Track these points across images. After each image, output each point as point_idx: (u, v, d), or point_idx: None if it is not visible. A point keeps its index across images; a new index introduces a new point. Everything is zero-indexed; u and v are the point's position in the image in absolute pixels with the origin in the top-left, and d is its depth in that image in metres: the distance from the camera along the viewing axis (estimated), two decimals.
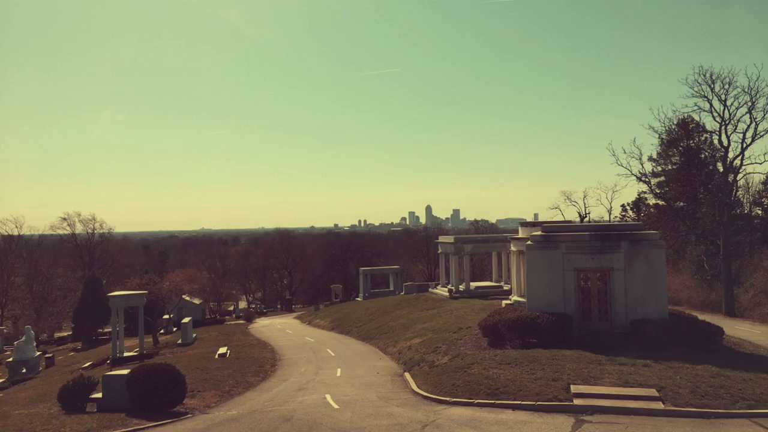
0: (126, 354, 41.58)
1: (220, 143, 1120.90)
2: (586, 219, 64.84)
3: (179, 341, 48.44)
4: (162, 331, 61.14)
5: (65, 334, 74.38)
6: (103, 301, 60.20)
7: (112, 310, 41.80)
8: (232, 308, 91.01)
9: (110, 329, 51.90)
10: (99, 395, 23.77)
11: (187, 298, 71.65)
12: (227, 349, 40.29)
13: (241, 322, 70.70)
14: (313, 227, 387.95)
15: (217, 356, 37.90)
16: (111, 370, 30.03)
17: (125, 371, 23.97)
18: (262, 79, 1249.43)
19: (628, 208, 69.21)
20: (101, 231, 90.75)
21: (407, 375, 26.70)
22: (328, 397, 22.92)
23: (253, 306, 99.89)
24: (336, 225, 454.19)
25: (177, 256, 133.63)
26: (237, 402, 24.22)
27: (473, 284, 54.42)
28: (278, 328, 57.71)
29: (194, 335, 50.99)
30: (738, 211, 55.09)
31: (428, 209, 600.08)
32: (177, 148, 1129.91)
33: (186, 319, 51.99)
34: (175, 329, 62.18)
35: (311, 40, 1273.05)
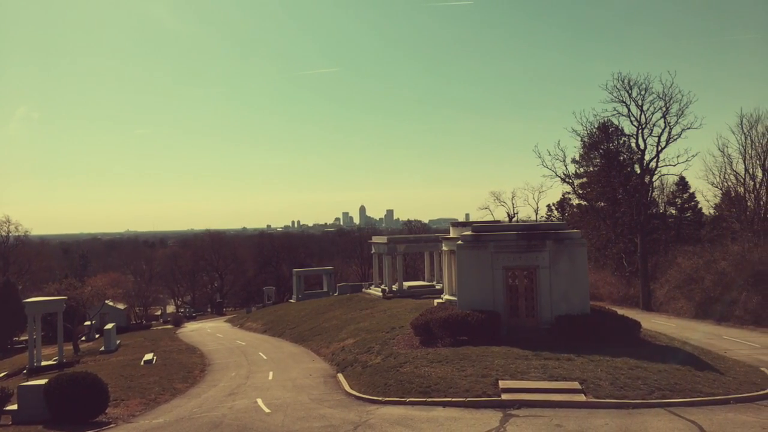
0: (44, 363, 39.56)
1: (145, 142, 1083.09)
2: (515, 219, 66.76)
3: (102, 348, 46.61)
4: (83, 338, 58.55)
5: None
6: (18, 307, 56.84)
7: (29, 317, 39.64)
8: (159, 313, 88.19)
9: (26, 337, 49.23)
10: (14, 407, 22.51)
11: (111, 304, 68.79)
12: (153, 355, 38.99)
13: (169, 326, 68.63)
14: (245, 228, 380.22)
15: (142, 363, 36.63)
16: (27, 380, 28.49)
17: (43, 381, 22.82)
18: (191, 76, 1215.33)
19: (553, 208, 71.84)
20: (16, 233, 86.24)
21: (340, 376, 26.66)
22: (260, 401, 22.56)
23: (182, 310, 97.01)
24: (269, 226, 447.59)
25: (100, 259, 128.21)
26: (163, 410, 23.45)
27: (406, 284, 54.97)
28: (208, 332, 56.32)
29: (118, 342, 49.15)
30: (654, 210, 58.12)
31: (362, 210, 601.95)
32: (99, 146, 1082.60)
33: (109, 326, 50.12)
34: (97, 336, 59.77)
35: (244, 36, 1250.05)
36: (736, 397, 18.91)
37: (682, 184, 61.62)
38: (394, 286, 53.44)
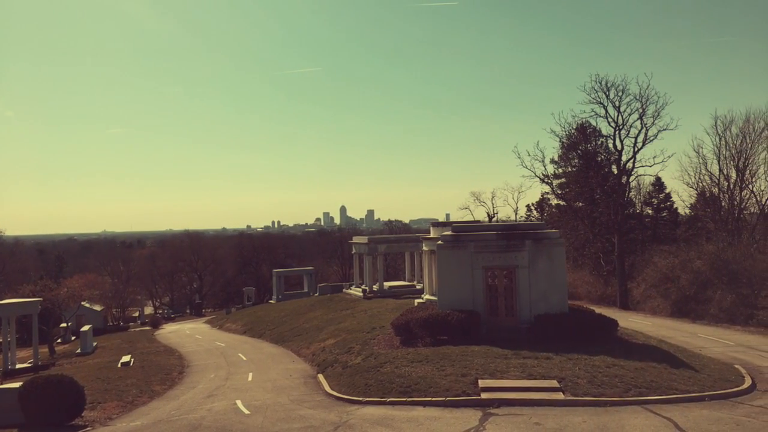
0: (19, 366, 38.97)
1: (122, 141, 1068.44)
2: (494, 219, 67.12)
3: (78, 350, 45.98)
4: (59, 340, 57.62)
5: None
6: None
7: (3, 320, 38.99)
8: (137, 314, 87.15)
9: (1, 340, 48.33)
10: None
11: (87, 305, 67.93)
12: (131, 357, 38.55)
13: (147, 328, 67.93)
14: (224, 229, 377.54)
15: (119, 365, 36.18)
16: (2, 384, 27.95)
17: (17, 384, 22.40)
18: (169, 75, 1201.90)
19: (532, 208, 72.37)
20: None
21: (320, 377, 26.59)
22: (239, 402, 22.40)
23: (160, 311, 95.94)
24: (249, 226, 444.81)
25: (76, 260, 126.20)
26: (141, 412, 23.17)
27: (387, 284, 55.00)
28: (187, 334, 55.78)
29: (95, 344, 48.54)
30: (630, 210, 58.81)
31: (343, 210, 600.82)
32: (75, 145, 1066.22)
33: (85, 327, 49.46)
34: (73, 338, 58.91)
35: (224, 36, 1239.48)
36: (711, 394, 19.21)
37: (659, 184, 62.48)
38: (374, 286, 53.42)
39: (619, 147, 49.22)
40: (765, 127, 47.70)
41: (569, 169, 62.32)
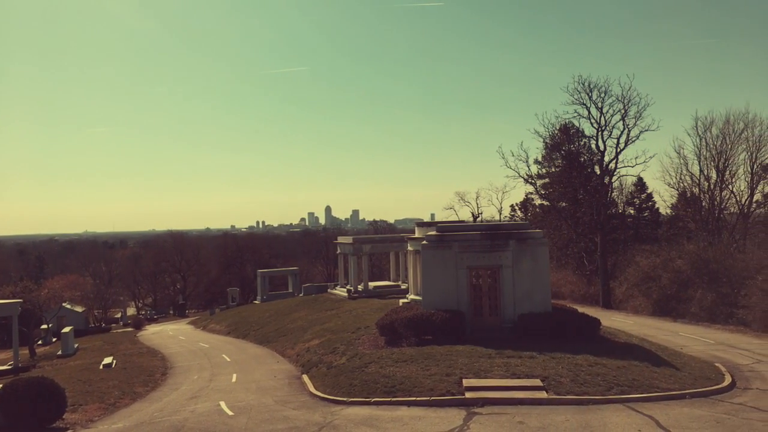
0: None
1: (105, 141, 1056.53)
2: (479, 219, 67.40)
3: (59, 352, 45.40)
4: (40, 342, 56.86)
5: None
6: None
7: None
8: (119, 315, 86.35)
9: None
10: None
11: (68, 306, 67.14)
12: (113, 359, 38.15)
13: (129, 329, 67.26)
14: (208, 229, 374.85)
15: (101, 367, 35.79)
16: None
17: None
18: (151, 74, 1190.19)
19: (516, 208, 72.74)
20: None
21: (305, 377, 26.52)
22: (223, 404, 22.27)
23: (143, 312, 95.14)
24: (233, 226, 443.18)
25: (57, 261, 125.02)
26: (123, 414, 22.95)
27: (372, 284, 54.98)
28: (170, 335, 55.31)
29: (76, 345, 47.98)
30: (613, 210, 59.42)
31: (328, 210, 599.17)
32: (56, 144, 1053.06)
33: (67, 329, 48.87)
34: (54, 339, 58.13)
35: (207, 34, 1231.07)
36: (691, 392, 19.48)
37: (640, 184, 63.17)
38: (359, 287, 53.40)
39: (601, 147, 49.79)
40: (744, 128, 48.61)
41: (553, 170, 62.77)
